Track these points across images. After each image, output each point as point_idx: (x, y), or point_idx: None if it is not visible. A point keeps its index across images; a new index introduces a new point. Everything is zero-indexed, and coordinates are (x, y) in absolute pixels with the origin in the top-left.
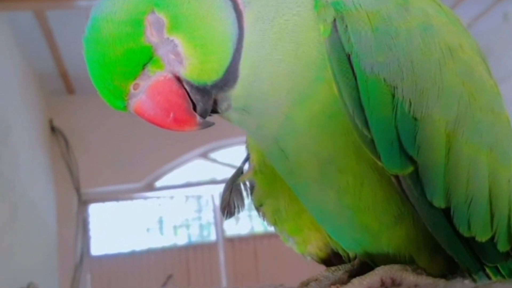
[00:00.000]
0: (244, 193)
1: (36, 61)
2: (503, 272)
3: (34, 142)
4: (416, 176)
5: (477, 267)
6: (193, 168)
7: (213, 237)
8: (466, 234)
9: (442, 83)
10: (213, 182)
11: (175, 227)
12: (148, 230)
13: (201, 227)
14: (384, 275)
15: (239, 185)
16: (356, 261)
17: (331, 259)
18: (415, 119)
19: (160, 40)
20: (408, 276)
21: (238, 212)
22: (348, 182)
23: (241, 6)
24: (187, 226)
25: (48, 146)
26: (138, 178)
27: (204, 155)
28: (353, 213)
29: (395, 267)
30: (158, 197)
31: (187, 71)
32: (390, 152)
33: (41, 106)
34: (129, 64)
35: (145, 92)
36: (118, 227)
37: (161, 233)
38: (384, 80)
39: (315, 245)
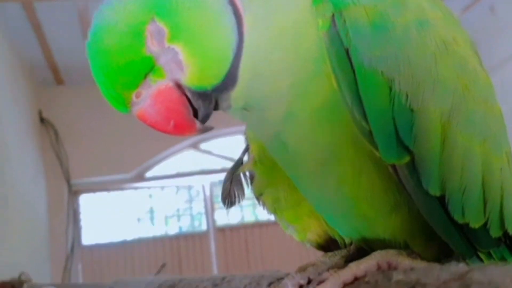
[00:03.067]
0: (244, 183)
1: (24, 53)
2: (495, 257)
3: (23, 134)
4: (413, 166)
5: (471, 252)
6: (183, 159)
7: (204, 227)
8: (460, 220)
9: (437, 76)
10: (204, 172)
11: (166, 217)
12: (139, 220)
13: (192, 217)
14: (380, 259)
15: (239, 175)
16: (352, 247)
17: (330, 245)
18: (412, 110)
19: (161, 49)
20: (404, 260)
21: (239, 201)
22: (347, 172)
23: (241, 11)
24: (178, 217)
25: (37, 138)
26: (128, 169)
27: (195, 146)
28: (352, 202)
29: (391, 251)
30: (148, 188)
31: (188, 78)
32: (388, 143)
33: (30, 98)
34: (131, 75)
35: (147, 100)
36: (108, 217)
37: (152, 223)
38: (382, 73)
39: (314, 232)
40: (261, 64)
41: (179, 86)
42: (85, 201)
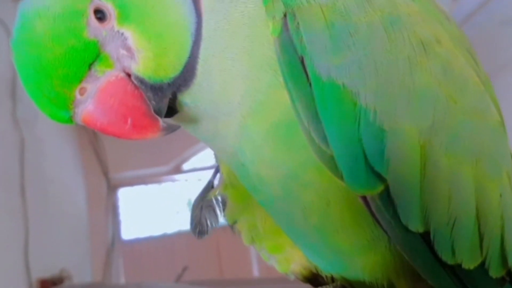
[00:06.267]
0: (217, 209)
1: None
2: None
3: (61, 128)
4: (387, 197)
5: None
6: None
7: None
8: (450, 261)
9: (414, 85)
10: None
11: None
12: (177, 212)
13: None
14: None
15: (210, 200)
16: (338, 283)
17: (318, 278)
18: (382, 130)
19: (107, 34)
20: None
21: (212, 230)
22: (313, 201)
23: None
24: None
25: (75, 132)
26: (165, 161)
27: None
28: (322, 234)
29: None
30: (186, 180)
31: (140, 66)
32: (355, 170)
33: None
34: (72, 65)
35: (94, 96)
36: (147, 211)
37: None
38: (343, 85)
39: (298, 263)
40: (213, 60)
41: (130, 77)
42: (124, 195)
